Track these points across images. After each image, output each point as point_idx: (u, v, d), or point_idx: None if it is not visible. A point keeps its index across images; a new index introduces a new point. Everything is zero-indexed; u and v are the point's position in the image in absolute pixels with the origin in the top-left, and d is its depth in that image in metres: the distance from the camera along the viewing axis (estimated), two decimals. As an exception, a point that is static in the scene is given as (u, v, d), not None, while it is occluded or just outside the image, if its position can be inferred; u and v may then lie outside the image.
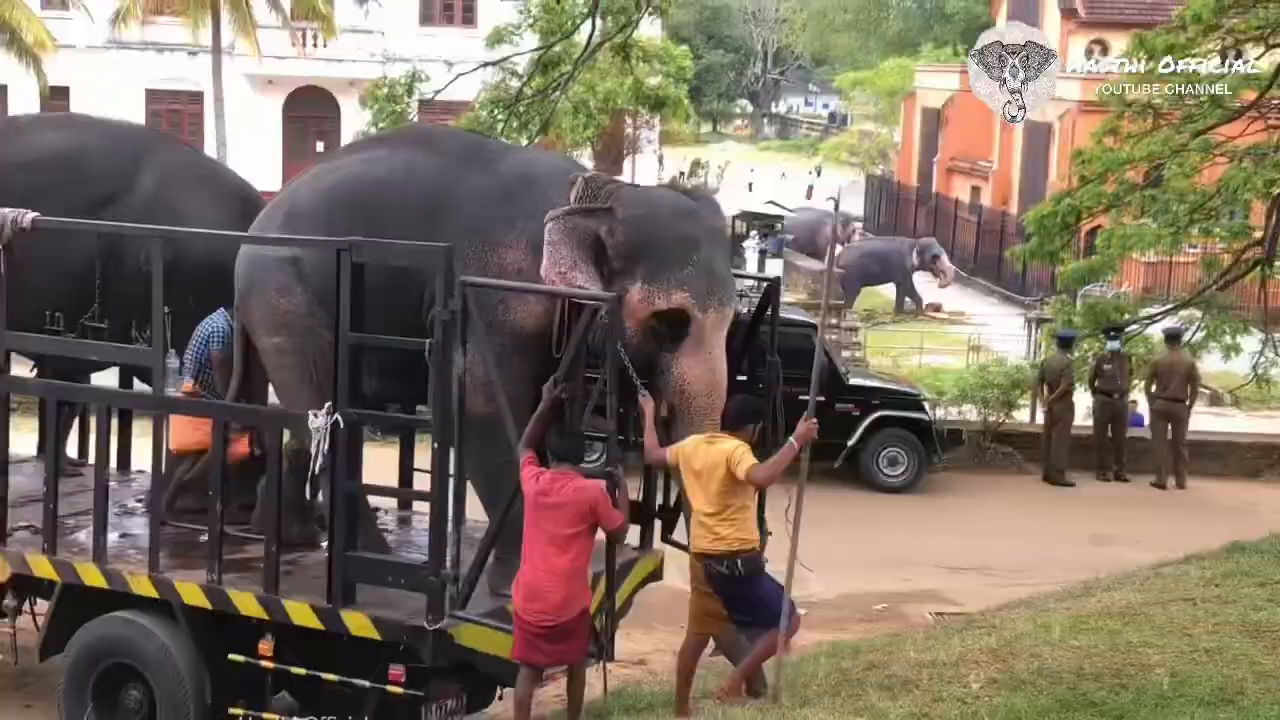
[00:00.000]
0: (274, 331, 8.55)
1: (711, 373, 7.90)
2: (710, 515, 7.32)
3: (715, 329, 7.95)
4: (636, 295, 7.82)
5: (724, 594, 7.41)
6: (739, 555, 7.32)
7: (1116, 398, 17.67)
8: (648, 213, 7.97)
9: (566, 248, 7.74)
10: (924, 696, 7.20)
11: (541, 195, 8.11)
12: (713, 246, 8.10)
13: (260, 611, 8.10)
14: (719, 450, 7.34)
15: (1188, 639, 8.07)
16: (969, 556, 13.79)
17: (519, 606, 7.37)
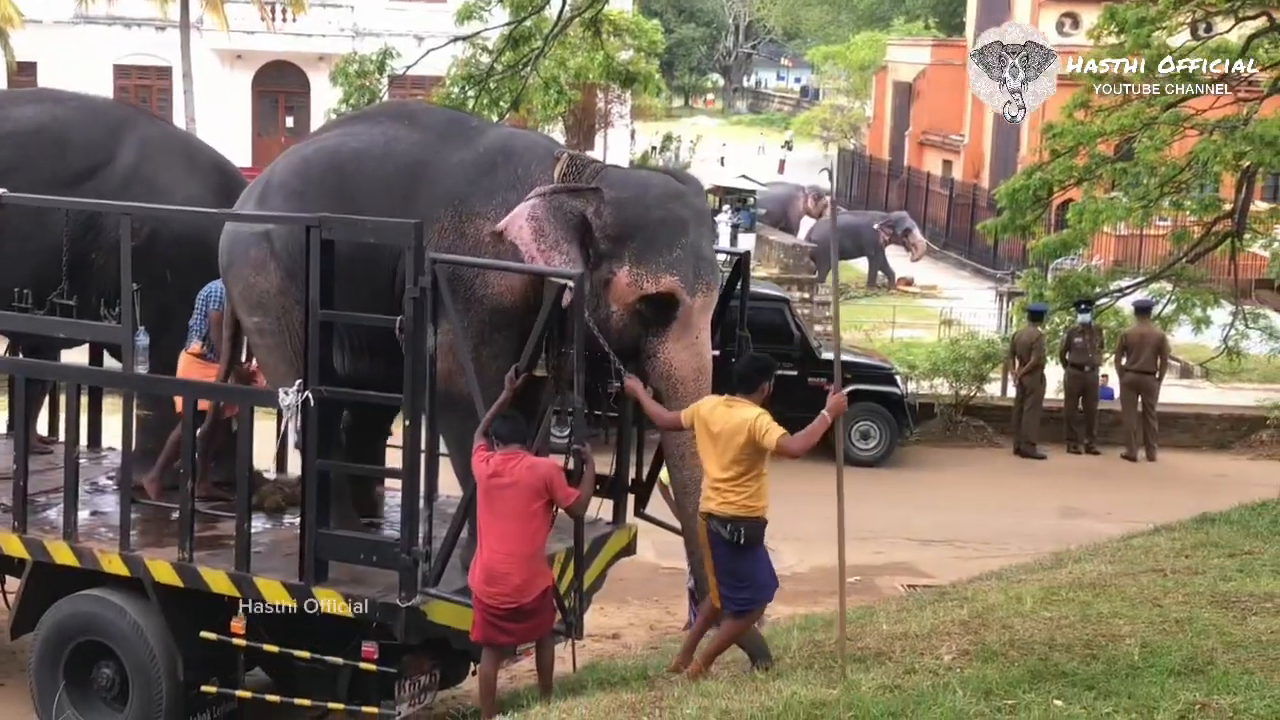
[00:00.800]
0: (252, 310, 8.51)
1: (699, 357, 7.88)
2: (722, 480, 7.21)
3: (702, 313, 7.92)
4: (624, 278, 7.77)
5: (717, 558, 7.34)
6: (742, 522, 7.22)
7: (1087, 370, 17.74)
8: (636, 194, 7.92)
9: (550, 226, 7.68)
10: (896, 668, 7.22)
11: (522, 168, 8.08)
12: (700, 229, 8.05)
13: (232, 589, 8.08)
14: (740, 417, 7.20)
15: (1158, 610, 8.11)
16: (941, 529, 13.84)
17: (478, 590, 7.35)
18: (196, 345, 9.16)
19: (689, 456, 7.87)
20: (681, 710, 6.71)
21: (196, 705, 8.28)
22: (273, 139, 40.09)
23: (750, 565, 7.34)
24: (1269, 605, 8.03)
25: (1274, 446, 16.96)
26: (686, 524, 8.04)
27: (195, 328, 9.17)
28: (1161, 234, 24.22)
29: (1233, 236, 18.21)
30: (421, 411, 7.58)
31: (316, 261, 7.62)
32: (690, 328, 7.85)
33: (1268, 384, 19.95)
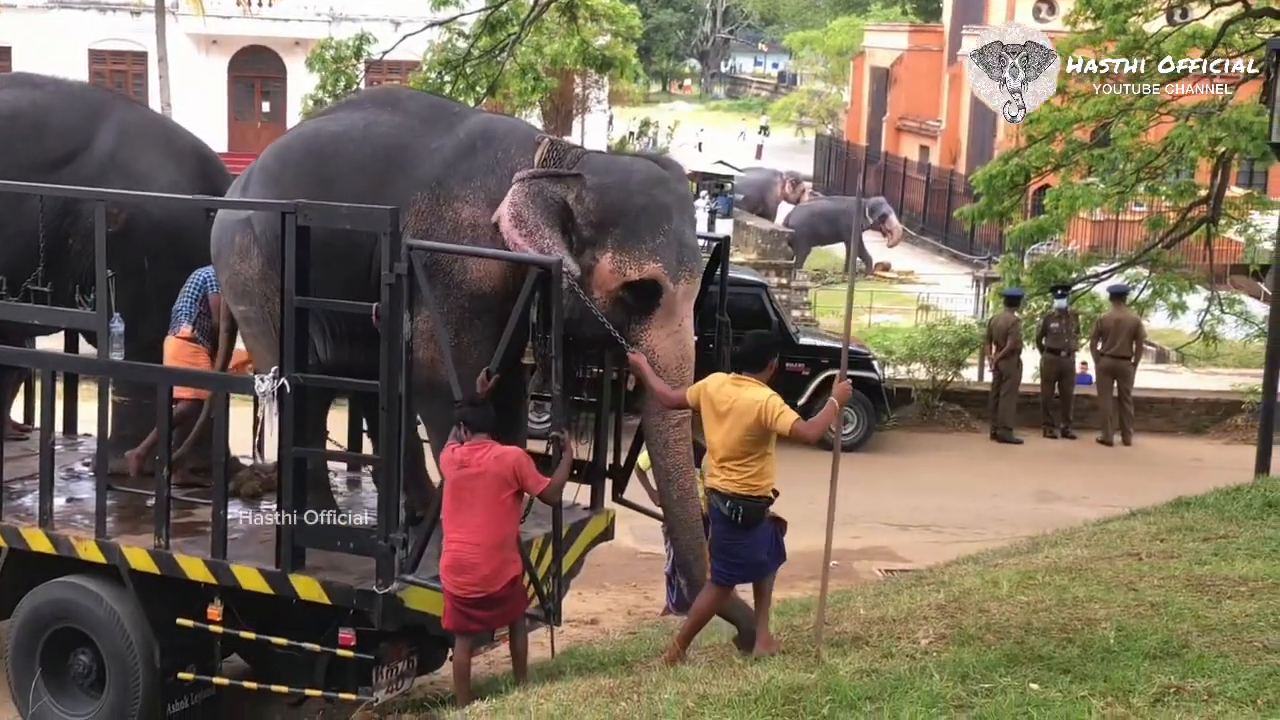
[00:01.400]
0: (238, 298, 8.49)
1: (682, 345, 7.85)
2: (728, 459, 7.17)
3: (685, 300, 7.88)
4: (607, 265, 7.72)
5: (714, 533, 7.31)
6: (742, 500, 7.18)
7: (1063, 355, 17.80)
8: (618, 180, 7.86)
9: (531, 211, 7.62)
10: (874, 652, 7.24)
11: (502, 153, 8.03)
12: (683, 215, 8.00)
13: (208, 576, 8.07)
14: (749, 397, 7.14)
15: (1133, 593, 8.14)
16: (918, 514, 13.88)
17: (447, 580, 7.37)
18: (186, 329, 9.12)
19: (672, 444, 7.86)
20: (659, 695, 6.72)
21: (173, 692, 8.26)
22: (249, 124, 39.98)
23: (746, 544, 7.29)
24: (1243, 589, 8.07)
25: (1248, 431, 17.00)
26: (670, 511, 8.01)
27: (184, 311, 9.13)
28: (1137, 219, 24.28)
29: (1208, 222, 18.28)
30: (399, 398, 7.57)
31: (292, 248, 7.61)
32: (674, 315, 7.82)
33: (1242, 369, 20.05)
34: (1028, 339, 18.02)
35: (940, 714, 6.18)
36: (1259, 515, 9.95)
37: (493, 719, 6.70)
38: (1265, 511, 10.02)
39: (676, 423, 7.84)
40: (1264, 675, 6.54)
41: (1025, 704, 6.29)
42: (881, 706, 6.29)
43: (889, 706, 6.27)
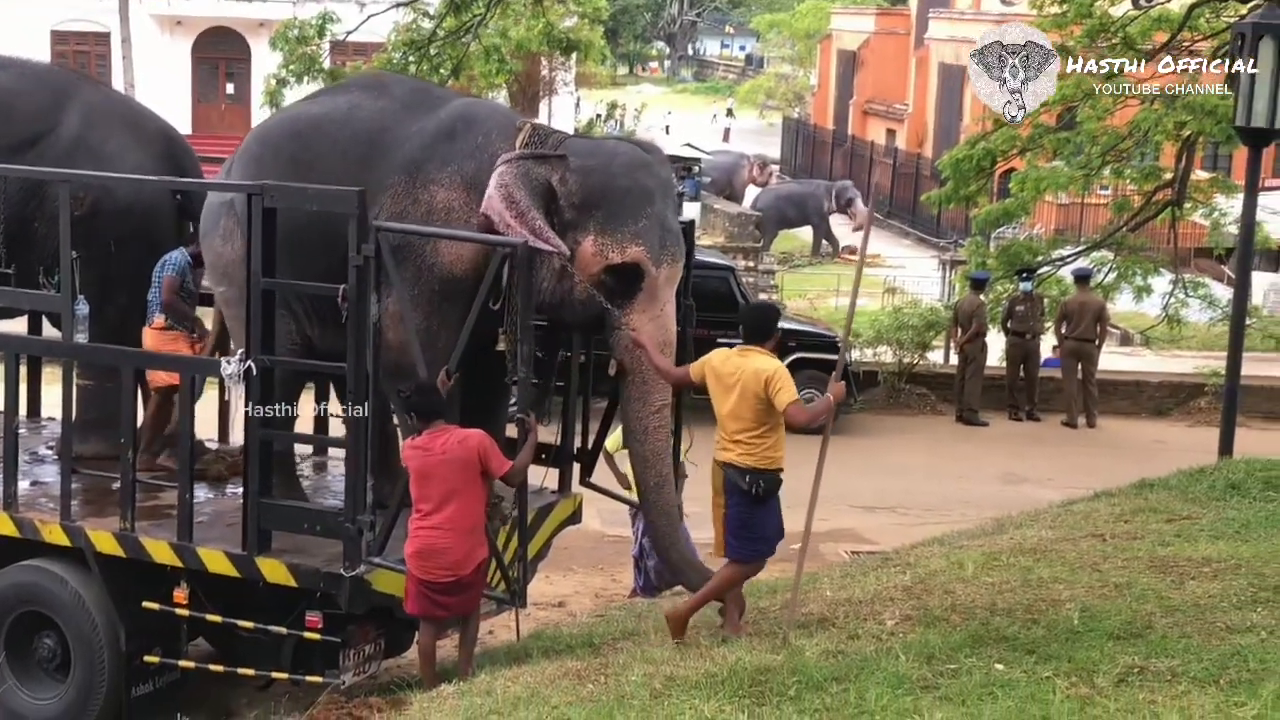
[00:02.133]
0: (219, 280, 8.47)
1: (664, 330, 7.84)
2: (741, 431, 7.16)
3: (667, 284, 7.87)
4: (589, 248, 7.70)
5: (731, 507, 7.29)
6: (762, 474, 7.20)
7: (1029, 338, 17.88)
8: (602, 163, 7.84)
9: (520, 192, 7.58)
10: (840, 634, 7.28)
11: (482, 137, 8.00)
12: (665, 200, 7.99)
13: (174, 559, 8.04)
14: (755, 369, 7.15)
15: (1097, 574, 8.19)
16: (884, 496, 13.93)
17: (413, 566, 7.36)
18: (159, 320, 9.09)
19: (651, 431, 7.87)
20: (626, 677, 6.74)
21: (139, 676, 8.25)
22: (213, 105, 39.77)
23: (764, 517, 7.30)
24: (1206, 570, 8.13)
25: (1212, 413, 17.11)
26: (646, 497, 8.01)
27: (155, 302, 9.11)
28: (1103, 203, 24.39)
29: (1173, 205, 18.37)
30: (365, 381, 7.55)
31: (258, 229, 7.59)
32: (655, 299, 7.80)
33: (1206, 351, 20.16)
34: (993, 322, 18.09)
35: (906, 695, 6.21)
36: (1222, 497, 10.02)
37: (460, 701, 6.71)
38: (1228, 493, 10.09)
39: (655, 410, 7.85)
40: (1227, 655, 6.59)
41: (990, 684, 6.33)
42: (848, 688, 6.32)
43: (855, 687, 6.30)
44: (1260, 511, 9.51)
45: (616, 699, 6.39)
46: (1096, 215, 27.13)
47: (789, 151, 47.59)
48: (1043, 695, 6.15)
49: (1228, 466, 10.92)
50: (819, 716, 6.04)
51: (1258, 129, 11.41)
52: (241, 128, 36.61)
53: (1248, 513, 9.50)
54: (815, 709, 6.11)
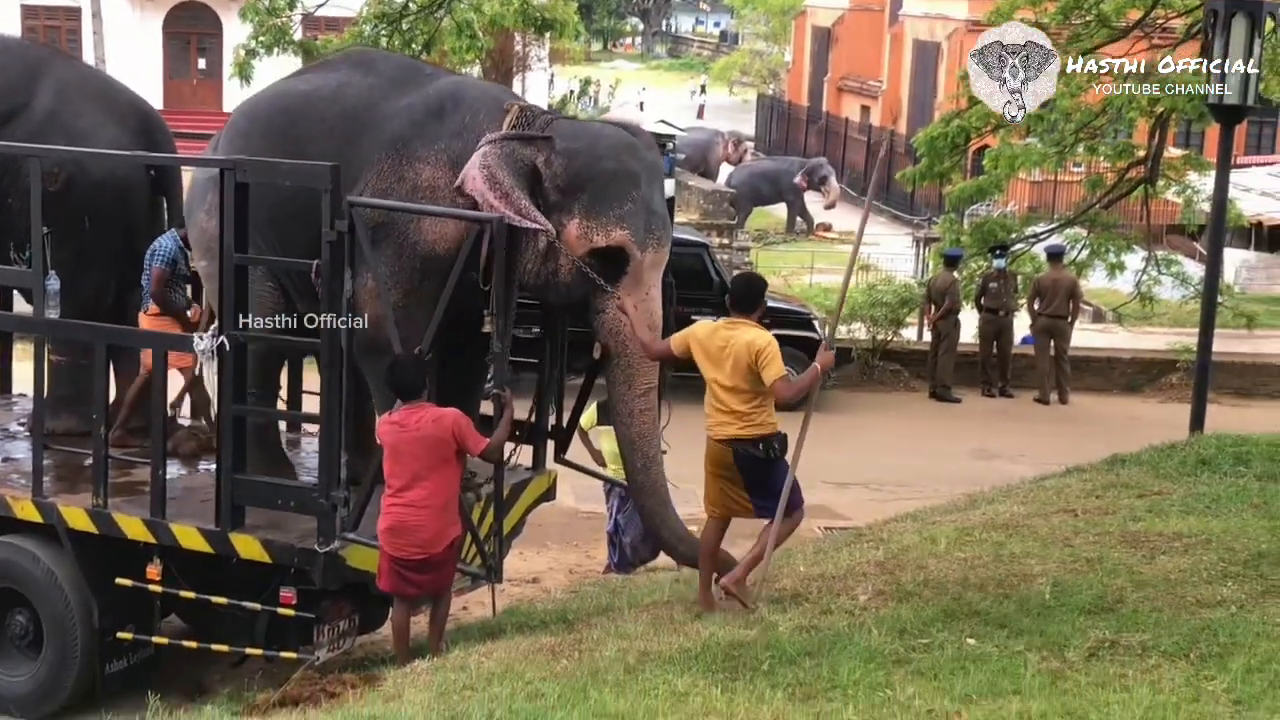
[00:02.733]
0: (203, 255, 8.43)
1: (650, 314, 7.82)
2: (739, 405, 7.18)
3: (653, 268, 7.85)
4: (573, 230, 7.67)
5: (751, 477, 7.31)
6: (773, 438, 7.24)
7: (1001, 315, 17.91)
8: (587, 145, 7.82)
9: (503, 172, 7.55)
10: (813, 609, 7.31)
11: (470, 116, 7.97)
12: (652, 183, 7.96)
13: (147, 535, 8.03)
14: (746, 341, 7.15)
15: (1069, 549, 8.24)
16: (857, 472, 13.97)
17: (385, 542, 7.36)
18: (153, 307, 9.07)
19: (638, 413, 7.88)
20: (600, 652, 6.76)
21: (112, 652, 8.24)
22: (184, 80, 39.51)
23: (782, 473, 7.33)
24: (1177, 544, 8.18)
25: (1183, 389, 17.17)
26: (634, 478, 8.04)
27: (146, 287, 9.09)
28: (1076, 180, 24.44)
29: (1146, 183, 18.41)
30: (340, 356, 7.54)
31: (230, 204, 7.56)
32: (641, 283, 7.79)
33: (1178, 328, 20.24)
34: (966, 299, 18.14)
35: (878, 669, 6.25)
36: (1193, 472, 10.08)
37: (434, 677, 6.72)
38: (1199, 468, 10.14)
39: (641, 392, 7.86)
40: (1197, 629, 6.65)
41: (962, 658, 6.37)
42: (820, 662, 6.36)
43: (828, 662, 6.34)
44: (1231, 487, 9.57)
45: (590, 674, 6.41)
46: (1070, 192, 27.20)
47: (763, 128, 47.53)
48: (1014, 669, 6.19)
49: (1199, 442, 10.97)
50: (792, 690, 6.07)
51: (1230, 106, 11.45)
52: (213, 103, 36.49)
53: (1218, 488, 9.56)
54: (788, 683, 6.14)
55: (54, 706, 8.28)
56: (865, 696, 5.94)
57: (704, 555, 7.63)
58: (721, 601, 7.52)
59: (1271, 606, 7.02)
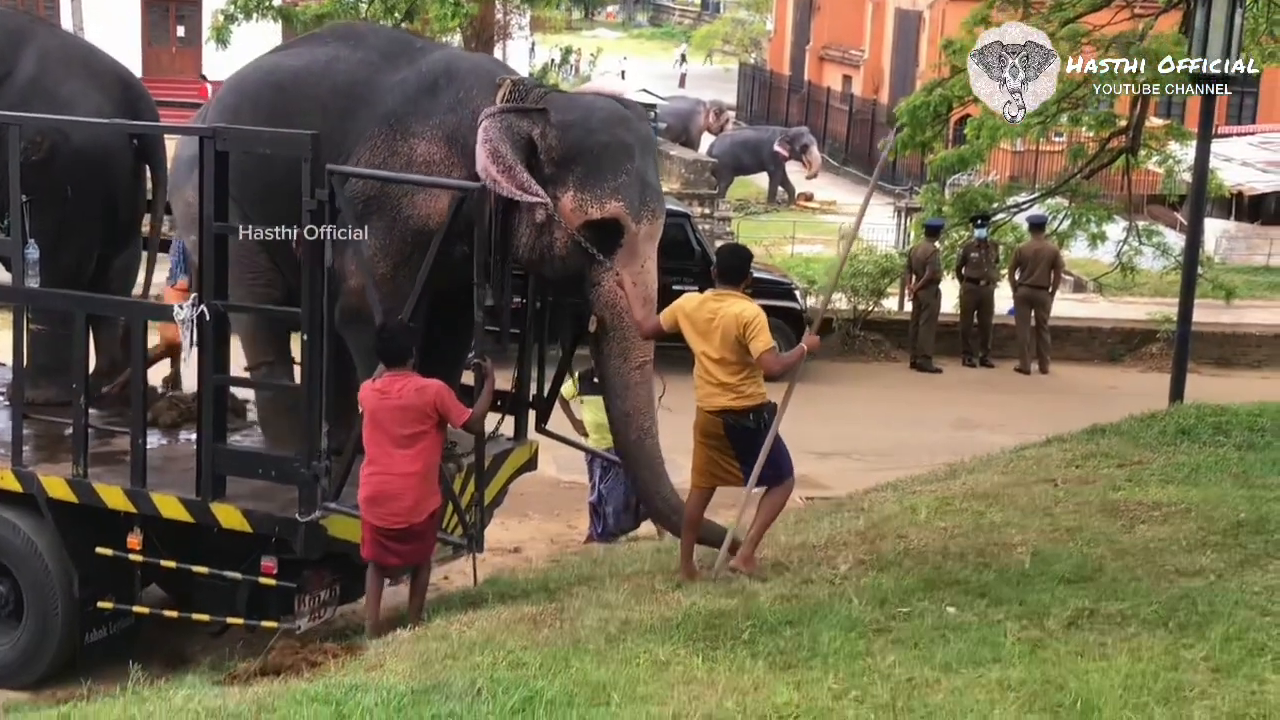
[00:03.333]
0: (189, 229, 8.36)
1: (645, 286, 7.81)
2: (728, 377, 7.20)
3: (647, 241, 7.84)
4: (568, 203, 7.65)
5: (743, 448, 7.33)
6: (763, 408, 7.28)
7: (982, 285, 17.94)
8: (581, 118, 7.79)
9: (504, 145, 7.51)
10: (794, 579, 7.33)
11: (464, 91, 7.95)
12: (645, 155, 7.95)
13: (127, 505, 8.02)
14: (734, 313, 7.17)
15: (1049, 519, 8.28)
16: (838, 441, 14.00)
17: (366, 512, 7.36)
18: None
19: (633, 386, 7.89)
20: (582, 621, 6.78)
21: (92, 621, 8.24)
22: (163, 48, 39.26)
23: (774, 441, 7.34)
24: (1157, 514, 8.22)
25: (1163, 359, 17.24)
26: (627, 451, 8.05)
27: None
28: (1058, 150, 24.43)
29: (1127, 153, 18.41)
30: (320, 326, 7.53)
31: (210, 173, 7.54)
32: (636, 255, 7.78)
33: (1158, 298, 20.29)
34: (947, 269, 18.15)
35: (859, 638, 6.27)
36: (1172, 441, 10.13)
37: (415, 646, 6.73)
38: (1179, 438, 10.20)
39: (637, 365, 7.87)
40: (1176, 598, 6.69)
41: (942, 627, 6.40)
42: (801, 631, 6.38)
43: (808, 631, 6.36)
44: (1210, 456, 9.63)
45: (572, 643, 6.43)
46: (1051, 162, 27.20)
47: (745, 98, 47.44)
48: (994, 638, 6.22)
49: (1178, 412, 11.03)
50: (773, 659, 6.09)
51: (1211, 75, 11.46)
52: (191, 71, 36.28)
53: (1198, 457, 9.62)
54: (769, 652, 6.17)
55: (34, 676, 8.27)
56: (845, 665, 5.96)
57: (687, 526, 7.65)
58: (704, 572, 7.55)
59: (1250, 575, 7.07)
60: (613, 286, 7.73)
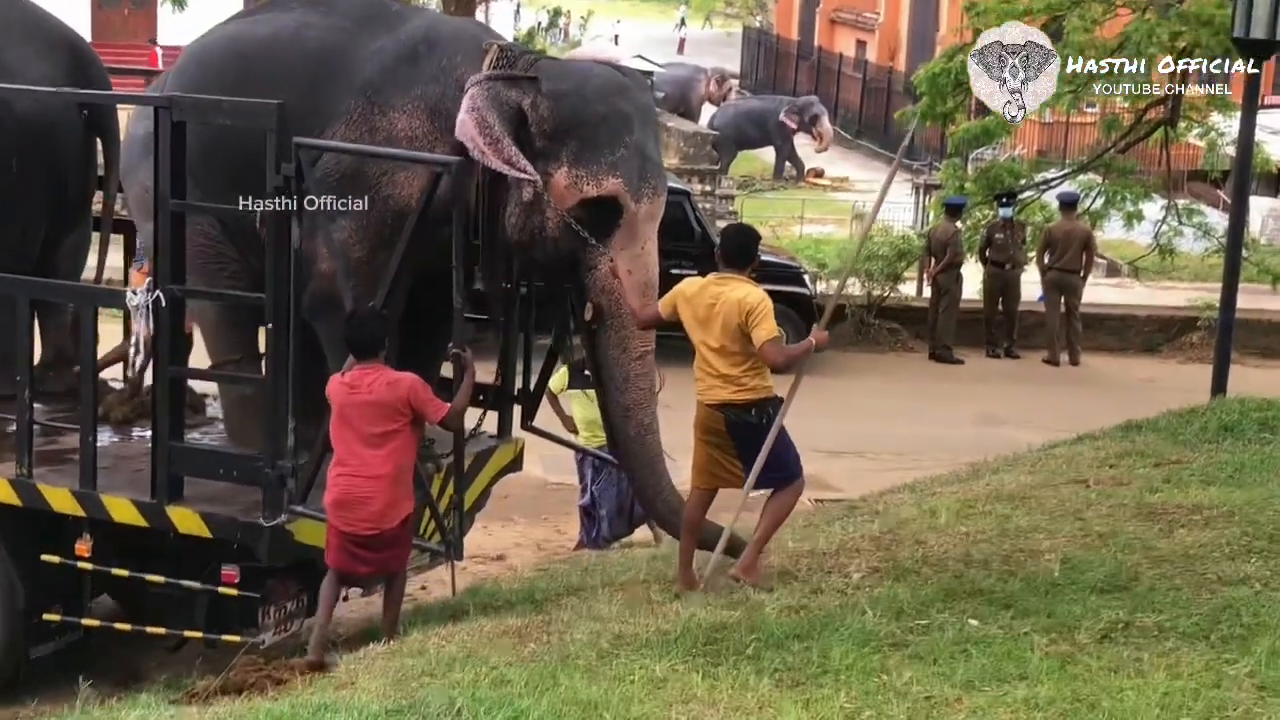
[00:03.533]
0: (148, 217, 8.28)
1: (645, 269, 7.80)
2: (732, 366, 7.20)
3: (648, 220, 7.83)
4: (562, 180, 7.64)
5: (745, 446, 7.32)
6: (768, 403, 7.28)
7: (1008, 268, 17.95)
8: (576, 87, 7.77)
9: (492, 116, 7.48)
10: (802, 588, 7.34)
11: (447, 60, 7.93)
12: (645, 128, 7.93)
13: (76, 508, 8.01)
14: (737, 299, 7.16)
15: (1080, 523, 8.28)
16: (851, 439, 14.01)
17: (333, 516, 7.32)
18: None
19: (633, 378, 7.89)
20: (571, 635, 6.78)
21: (38, 635, 8.24)
22: (114, 11, 39.16)
23: (780, 439, 7.33)
24: (1197, 518, 8.23)
25: (1204, 349, 17.25)
26: (625, 448, 8.06)
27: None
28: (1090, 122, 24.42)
29: (1166, 125, 18.42)
30: (286, 314, 7.52)
31: (166, 146, 7.53)
32: (636, 237, 7.77)
33: (1199, 283, 20.30)
34: (970, 251, 18.15)
35: (873, 653, 6.27)
36: (1214, 439, 10.13)
37: (390, 662, 6.73)
38: (1221, 435, 10.20)
39: (636, 356, 7.88)
40: (1218, 609, 6.68)
41: (964, 641, 6.40)
42: (810, 645, 6.38)
43: (818, 645, 6.36)
44: (1255, 455, 9.63)
45: (560, 659, 6.43)
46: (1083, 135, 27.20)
47: (749, 64, 47.41)
48: (1020, 652, 6.22)
49: (1221, 407, 11.03)
50: (779, 676, 6.09)
51: (1257, 40, 11.45)
52: (144, 35, 36.20)
53: (1242, 456, 9.62)
54: (775, 668, 6.17)
55: (-25, 694, 8.28)
56: (859, 682, 5.96)
57: (686, 530, 7.66)
58: (703, 581, 7.55)
59: (1299, 584, 7.08)
60: (610, 270, 7.73)
